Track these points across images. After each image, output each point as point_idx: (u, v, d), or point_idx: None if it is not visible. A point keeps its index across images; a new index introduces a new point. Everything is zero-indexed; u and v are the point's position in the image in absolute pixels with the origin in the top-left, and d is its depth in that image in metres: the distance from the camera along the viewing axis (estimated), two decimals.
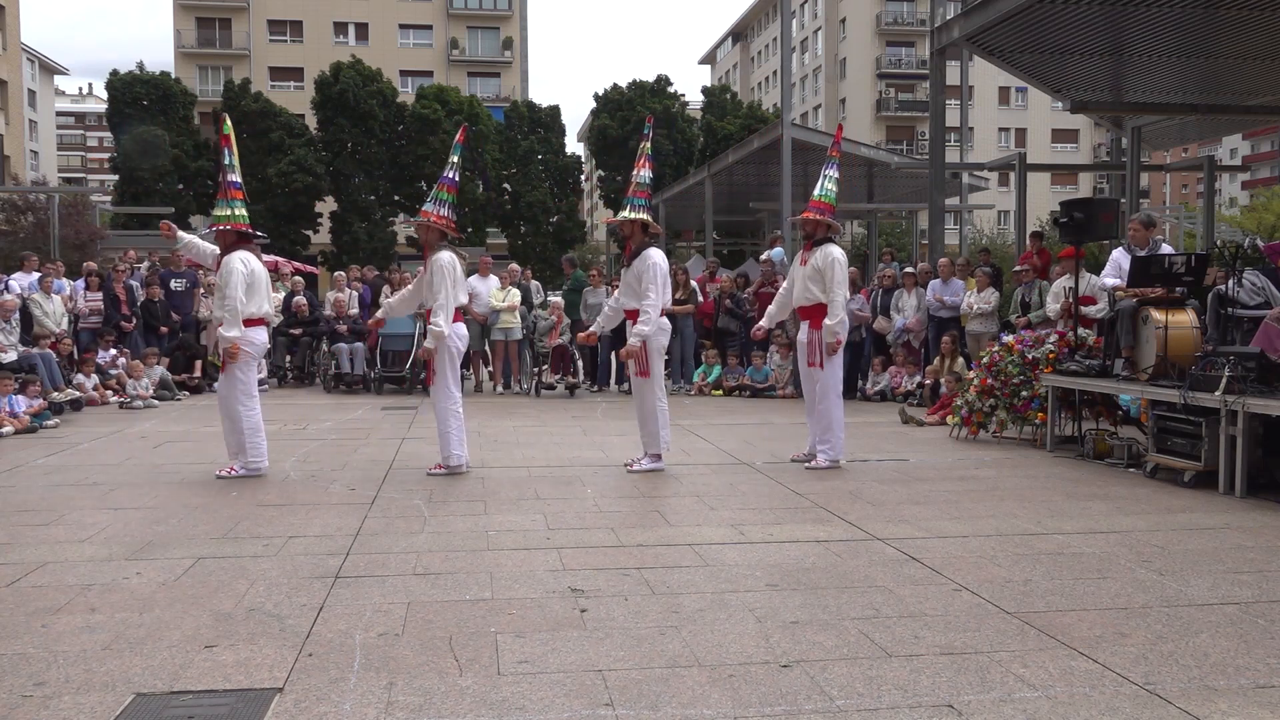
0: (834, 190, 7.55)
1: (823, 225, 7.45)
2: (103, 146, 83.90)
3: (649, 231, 7.33)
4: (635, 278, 7.18)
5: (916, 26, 61.54)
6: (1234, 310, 7.60)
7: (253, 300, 6.94)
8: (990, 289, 11.90)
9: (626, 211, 7.33)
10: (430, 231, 7.11)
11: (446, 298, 6.95)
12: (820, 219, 7.43)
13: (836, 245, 7.42)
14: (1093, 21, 12.32)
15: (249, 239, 7.15)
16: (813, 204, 7.53)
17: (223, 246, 7.08)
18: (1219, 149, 63.43)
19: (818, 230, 7.45)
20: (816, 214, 7.44)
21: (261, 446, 7.03)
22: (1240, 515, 5.79)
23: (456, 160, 7.35)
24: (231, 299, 6.80)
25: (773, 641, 3.59)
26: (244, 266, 6.90)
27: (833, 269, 7.29)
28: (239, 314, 6.82)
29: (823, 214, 7.44)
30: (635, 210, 7.28)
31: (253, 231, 7.23)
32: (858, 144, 26.08)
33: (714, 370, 13.41)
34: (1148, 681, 3.23)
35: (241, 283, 6.83)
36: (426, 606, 3.99)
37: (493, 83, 58.92)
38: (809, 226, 7.48)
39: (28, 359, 10.88)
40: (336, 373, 13.47)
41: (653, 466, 7.25)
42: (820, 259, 7.34)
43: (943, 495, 6.38)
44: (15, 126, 50.67)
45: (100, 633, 3.66)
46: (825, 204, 7.48)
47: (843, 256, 7.39)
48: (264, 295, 7.07)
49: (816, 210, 7.46)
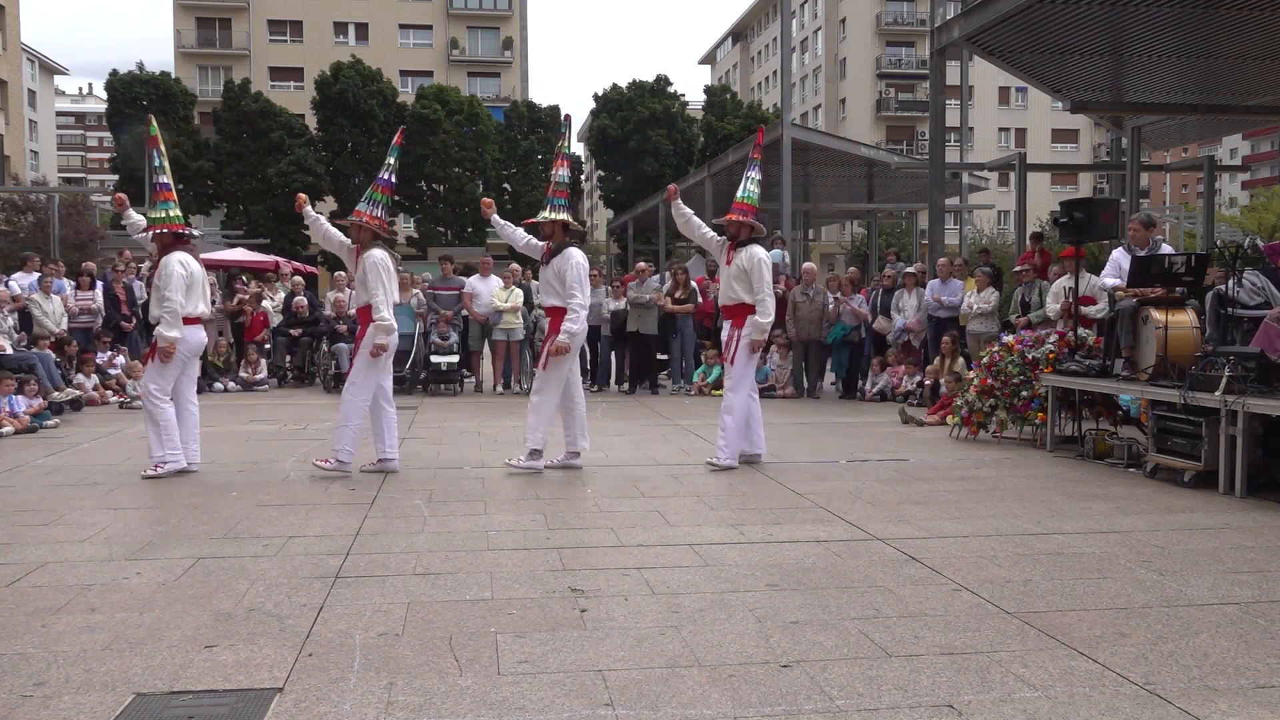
0: (756, 192, 7.66)
1: (746, 226, 7.53)
2: (103, 146, 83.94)
3: (570, 230, 7.37)
4: (555, 276, 7.21)
5: (916, 26, 61.54)
6: (1234, 310, 7.60)
7: (189, 301, 6.98)
8: (990, 289, 11.90)
9: (547, 212, 7.37)
10: (363, 231, 7.19)
11: (386, 293, 7.03)
12: (744, 220, 7.53)
13: (760, 246, 7.53)
14: (1093, 21, 12.31)
15: (185, 240, 7.18)
16: (736, 206, 7.63)
17: (160, 248, 7.11)
18: (1219, 149, 63.43)
19: (741, 231, 7.54)
20: (740, 215, 7.54)
21: (175, 441, 7.01)
22: (1240, 515, 5.79)
23: (393, 162, 7.42)
24: (171, 300, 6.84)
25: (773, 641, 3.59)
26: (182, 269, 6.95)
27: (759, 269, 7.37)
28: (178, 315, 6.86)
29: (746, 215, 7.54)
30: (555, 210, 7.33)
31: (188, 232, 7.26)
32: (858, 144, 26.10)
33: (714, 370, 13.41)
34: (1148, 681, 3.23)
35: (181, 284, 6.88)
36: (426, 606, 3.99)
37: (493, 83, 58.92)
38: (733, 228, 7.57)
39: (26, 359, 10.88)
40: (336, 373, 13.46)
41: (530, 465, 7.17)
42: (745, 259, 7.41)
43: (943, 495, 6.38)
44: (15, 126, 50.67)
45: (100, 633, 3.66)
46: (748, 205, 7.58)
47: (767, 257, 7.51)
48: (201, 295, 7.14)
49: (739, 212, 7.56)
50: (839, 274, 14.76)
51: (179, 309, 6.87)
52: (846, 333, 12.90)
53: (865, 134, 56.36)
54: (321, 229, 7.37)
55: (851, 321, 12.91)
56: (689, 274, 14.37)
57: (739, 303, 7.46)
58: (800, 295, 12.89)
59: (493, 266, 14.19)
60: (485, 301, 13.54)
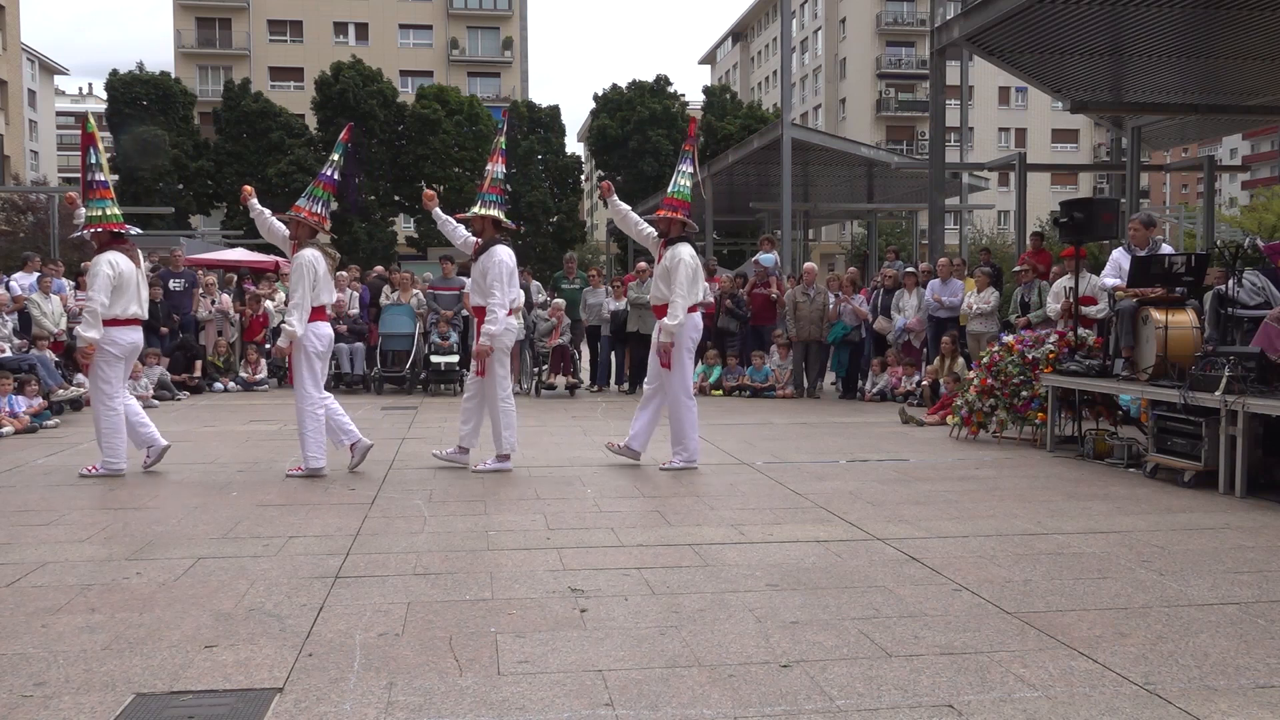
0: (688, 186, 7.42)
1: (676, 222, 7.33)
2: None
3: (500, 227, 7.28)
4: (481, 274, 7.13)
5: (916, 26, 61.53)
6: (1234, 310, 7.60)
7: (118, 302, 6.91)
8: (990, 289, 11.90)
9: (478, 207, 7.29)
10: (301, 227, 7.11)
11: (302, 296, 6.89)
12: (674, 216, 7.32)
13: (688, 245, 7.28)
14: (1093, 21, 12.32)
15: (122, 238, 7.15)
16: (666, 201, 7.44)
17: (97, 246, 7.06)
18: (1219, 149, 63.45)
19: (671, 228, 7.33)
20: (669, 211, 7.34)
21: (119, 448, 7.00)
22: (1240, 515, 5.79)
23: (337, 159, 7.33)
24: (92, 301, 6.80)
25: (773, 641, 3.59)
26: (111, 269, 6.89)
27: (678, 269, 7.14)
28: (98, 315, 6.80)
29: (675, 211, 7.32)
30: (487, 206, 7.25)
31: (126, 230, 7.20)
32: (858, 144, 26.11)
33: (714, 370, 13.41)
34: (1148, 681, 3.23)
35: (107, 285, 6.83)
36: (426, 606, 3.99)
37: (493, 83, 58.93)
38: (661, 224, 7.40)
39: (25, 359, 10.88)
40: (336, 373, 13.47)
41: (498, 467, 7.16)
42: (669, 258, 7.21)
43: (943, 495, 6.38)
44: (15, 126, 50.67)
45: (100, 633, 3.66)
46: (679, 200, 7.36)
47: (690, 257, 7.19)
48: (133, 296, 7.04)
49: (669, 208, 7.36)
50: (839, 274, 14.75)
51: (99, 310, 6.78)
52: (846, 332, 12.91)
53: (865, 134, 56.37)
54: (266, 222, 7.32)
55: (852, 321, 12.92)
56: None
57: (664, 303, 7.29)
58: (800, 295, 12.89)
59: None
60: None
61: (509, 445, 7.23)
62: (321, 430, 7.01)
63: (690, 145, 7.62)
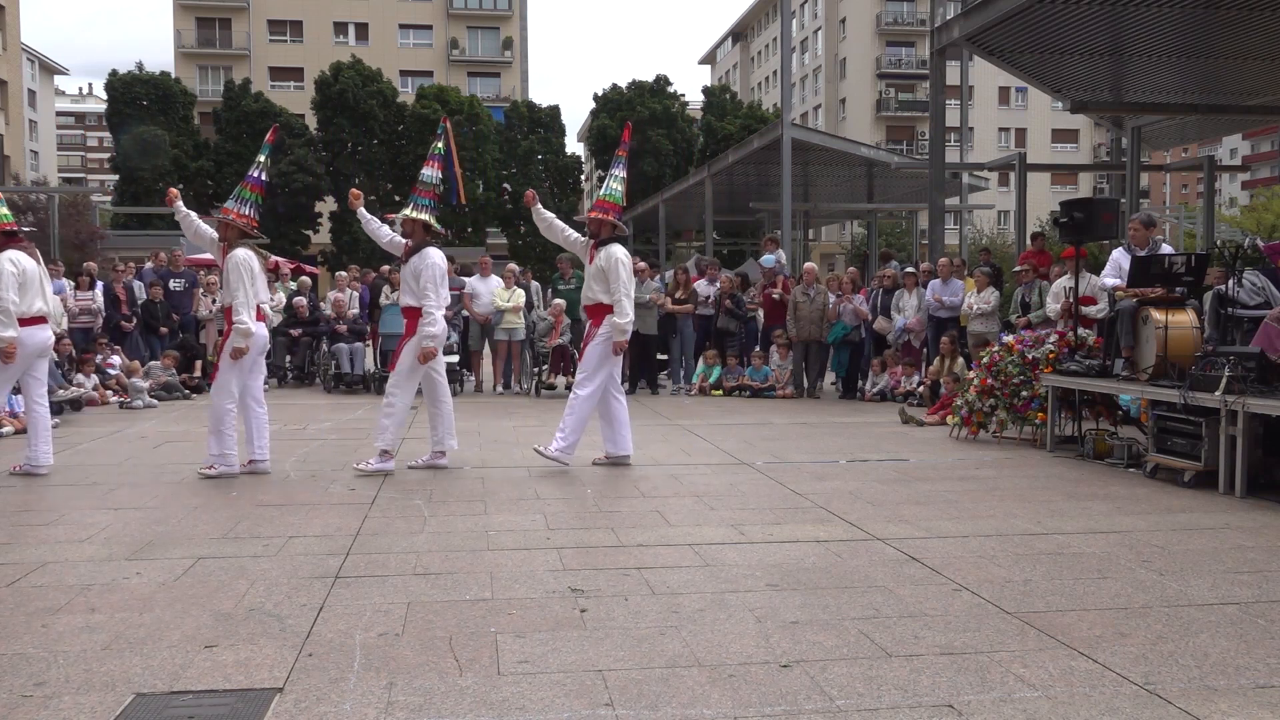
0: (619, 189, 7.59)
1: (607, 224, 7.48)
2: (103, 146, 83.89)
3: (430, 231, 7.33)
4: (413, 275, 7.17)
5: (916, 26, 61.53)
6: (1234, 310, 7.61)
7: (24, 299, 6.89)
8: (990, 289, 11.90)
9: (409, 210, 7.35)
10: (230, 229, 7.12)
11: (246, 294, 6.91)
12: (604, 218, 7.47)
13: (620, 245, 7.46)
14: (1093, 21, 12.32)
15: (17, 238, 7.12)
16: (598, 203, 7.59)
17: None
18: (1219, 149, 63.44)
19: (602, 230, 7.47)
20: (600, 213, 7.49)
21: (39, 448, 7.00)
22: (1240, 515, 5.79)
23: (264, 160, 7.34)
24: (4, 300, 6.76)
25: (773, 641, 3.59)
26: (14, 266, 6.87)
27: (616, 269, 7.29)
28: (12, 314, 6.78)
29: (607, 213, 7.48)
30: (418, 210, 7.31)
31: (19, 229, 7.18)
32: (858, 144, 26.11)
33: (714, 370, 13.41)
34: (1148, 681, 3.23)
35: (13, 283, 6.81)
36: (426, 606, 3.99)
37: (493, 83, 58.93)
38: (593, 226, 7.52)
39: None
40: (336, 373, 13.48)
41: (380, 466, 7.11)
42: (604, 259, 7.35)
43: (943, 495, 6.38)
44: (15, 126, 50.67)
45: (100, 633, 3.66)
46: (610, 203, 7.52)
47: (625, 256, 7.38)
48: (37, 293, 7.01)
49: (600, 210, 7.51)
50: (839, 274, 14.75)
51: (12, 308, 6.75)
52: (846, 332, 12.90)
53: (865, 134, 56.36)
54: (192, 225, 7.35)
55: (852, 321, 12.91)
56: (689, 274, 14.37)
57: (597, 303, 7.41)
58: (800, 295, 12.89)
59: (492, 266, 14.19)
60: (485, 301, 13.55)
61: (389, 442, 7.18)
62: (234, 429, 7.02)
63: (624, 151, 7.79)
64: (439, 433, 7.40)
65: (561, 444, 7.32)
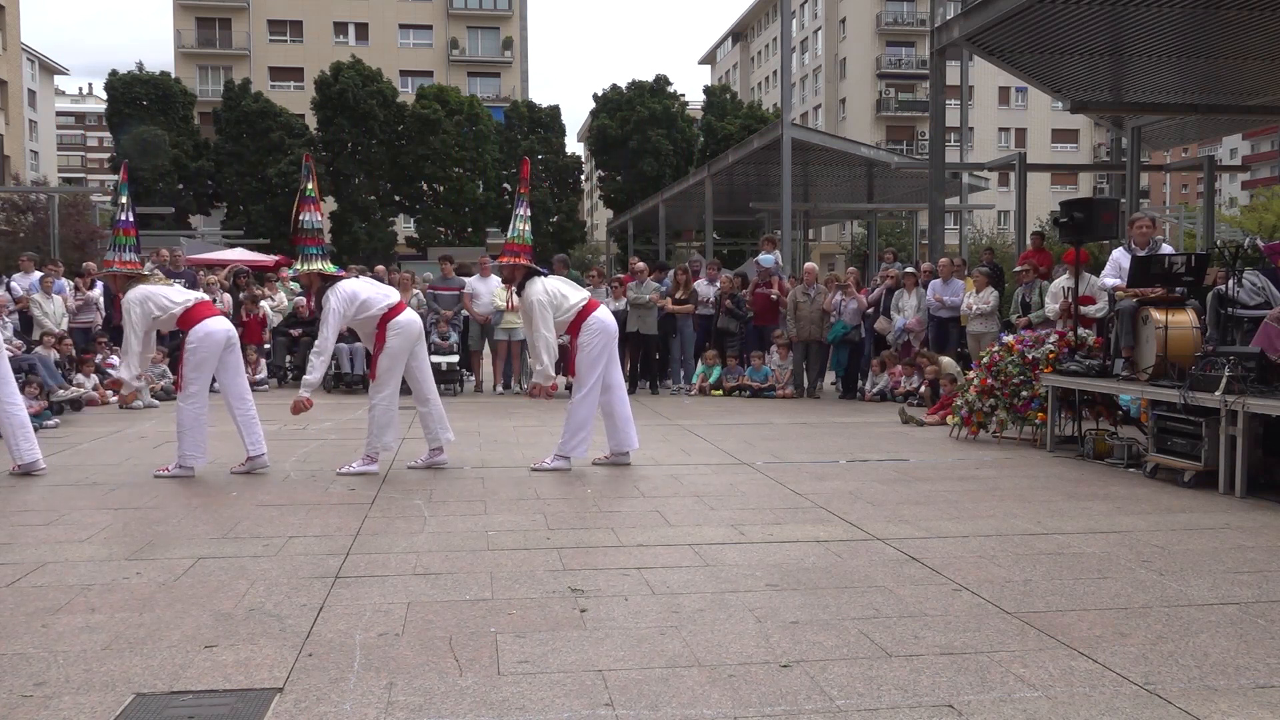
0: (526, 229, 7.43)
1: (520, 269, 7.34)
2: (103, 146, 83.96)
3: (326, 277, 7.21)
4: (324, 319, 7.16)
5: (916, 26, 61.53)
6: (1234, 310, 7.60)
7: None
8: (990, 289, 11.90)
9: (299, 263, 7.33)
10: (117, 280, 7.15)
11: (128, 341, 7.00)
12: (517, 262, 7.33)
13: (536, 282, 7.28)
14: (1093, 21, 12.32)
15: None
16: (507, 247, 7.43)
17: None
18: (1219, 149, 63.45)
19: (515, 274, 7.35)
20: (511, 258, 7.36)
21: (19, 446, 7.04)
22: (1240, 515, 5.79)
23: (125, 200, 7.29)
24: None
25: (773, 641, 3.59)
26: None
27: (532, 311, 7.19)
28: None
29: (518, 255, 7.34)
30: (309, 260, 7.23)
31: None
32: (858, 144, 26.11)
33: (714, 370, 13.41)
34: (1148, 681, 3.23)
35: None
36: (426, 606, 3.99)
37: (493, 83, 58.95)
38: (506, 273, 7.46)
39: (25, 359, 10.88)
40: (336, 373, 13.47)
41: (365, 469, 7.13)
42: (524, 304, 7.28)
43: (943, 495, 6.38)
44: (15, 126, 50.65)
45: (100, 633, 3.66)
46: (519, 245, 7.37)
47: (542, 293, 7.21)
48: None
49: (510, 254, 7.38)
50: (839, 273, 14.76)
51: None
52: (846, 332, 12.90)
53: (865, 134, 56.36)
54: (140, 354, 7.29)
55: (852, 320, 12.91)
56: (689, 274, 14.37)
57: None
58: (800, 295, 12.88)
59: (492, 267, 14.19)
60: (485, 302, 13.55)
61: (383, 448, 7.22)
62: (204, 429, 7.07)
63: (525, 189, 7.68)
64: (432, 430, 7.37)
65: (557, 453, 7.33)
